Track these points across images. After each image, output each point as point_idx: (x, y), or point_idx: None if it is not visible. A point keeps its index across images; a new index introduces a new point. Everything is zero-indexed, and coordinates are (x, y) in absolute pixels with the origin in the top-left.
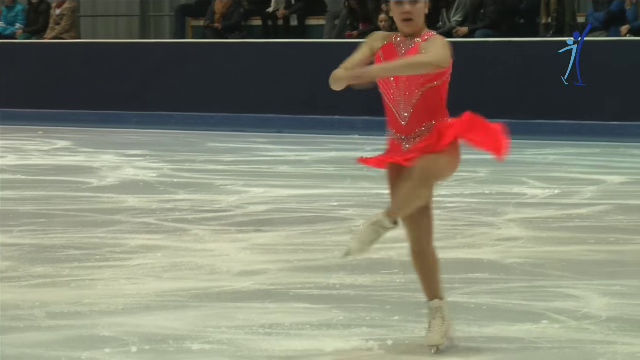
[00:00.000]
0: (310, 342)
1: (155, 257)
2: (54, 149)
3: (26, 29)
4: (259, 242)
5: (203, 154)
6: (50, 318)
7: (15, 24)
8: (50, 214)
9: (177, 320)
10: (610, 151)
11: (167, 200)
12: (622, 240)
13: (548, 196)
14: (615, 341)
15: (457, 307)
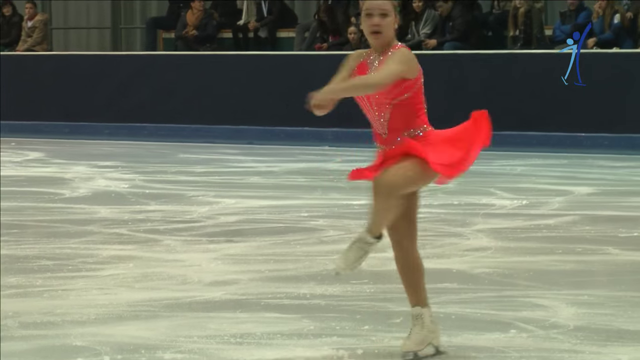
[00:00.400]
0: (281, 351)
1: (127, 268)
2: (26, 160)
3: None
4: (230, 252)
5: (174, 165)
6: (23, 328)
7: None
8: (22, 224)
9: (148, 329)
10: (577, 162)
11: (138, 211)
12: (589, 251)
13: (516, 207)
14: (582, 350)
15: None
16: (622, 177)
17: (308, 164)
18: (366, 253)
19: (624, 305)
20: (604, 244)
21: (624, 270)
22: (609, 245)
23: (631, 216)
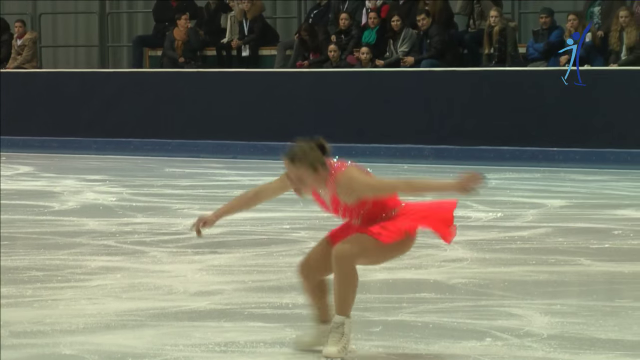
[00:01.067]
0: (264, 359)
1: (115, 278)
2: (16, 174)
3: None
4: (215, 263)
5: (160, 178)
6: (14, 337)
7: None
8: (13, 236)
9: (135, 338)
10: (550, 176)
11: (125, 223)
12: (562, 261)
13: (491, 219)
14: (555, 358)
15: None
16: (593, 190)
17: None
18: (347, 335)
19: (596, 315)
20: (576, 255)
21: (596, 280)
22: (581, 256)
23: (602, 228)
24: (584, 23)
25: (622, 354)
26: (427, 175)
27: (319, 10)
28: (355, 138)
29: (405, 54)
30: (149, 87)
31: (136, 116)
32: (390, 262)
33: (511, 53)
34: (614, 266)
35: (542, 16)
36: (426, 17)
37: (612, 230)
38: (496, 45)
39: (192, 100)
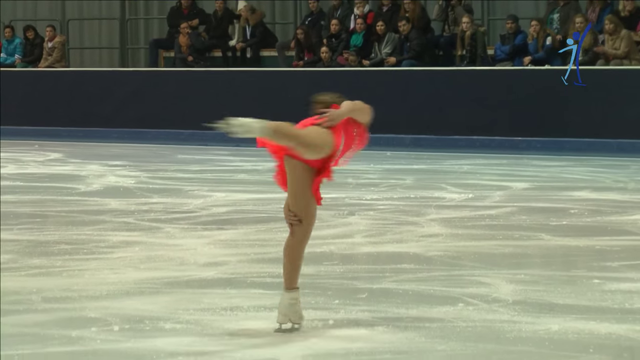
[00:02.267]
0: (265, 321)
1: (134, 251)
2: (47, 159)
3: (23, 59)
4: (221, 238)
5: (173, 164)
6: (45, 302)
7: (15, 54)
8: (44, 214)
9: (152, 303)
10: (514, 162)
11: (143, 203)
12: (525, 237)
13: (463, 200)
14: (519, 320)
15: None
16: (552, 175)
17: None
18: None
19: (554, 283)
20: (537, 231)
21: (555, 253)
22: (541, 232)
23: (560, 207)
24: (544, 28)
25: (576, 317)
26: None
27: (313, 17)
28: None
29: (388, 55)
30: (164, 84)
31: (152, 109)
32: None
33: (481, 54)
34: (570, 241)
35: (508, 22)
36: (406, 23)
37: (569, 209)
38: (468, 47)
39: (201, 95)
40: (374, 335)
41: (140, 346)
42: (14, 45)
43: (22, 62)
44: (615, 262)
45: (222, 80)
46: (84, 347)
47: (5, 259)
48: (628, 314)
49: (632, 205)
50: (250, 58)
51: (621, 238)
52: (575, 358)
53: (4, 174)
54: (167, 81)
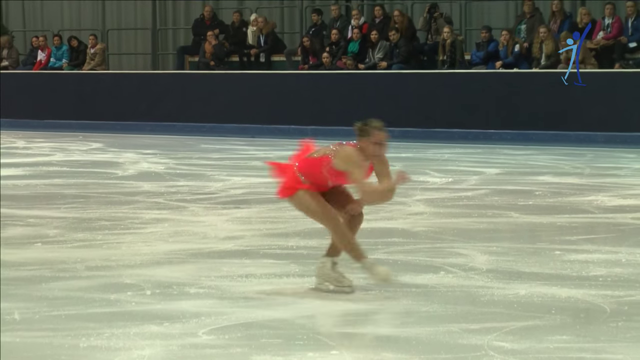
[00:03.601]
0: (275, 287)
1: (163, 227)
2: (90, 149)
3: (70, 63)
4: (238, 215)
5: (197, 152)
6: (88, 270)
7: (62, 59)
8: (87, 195)
9: (179, 271)
10: (488, 151)
11: (171, 185)
12: (497, 214)
13: (444, 183)
14: (492, 286)
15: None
16: (520, 162)
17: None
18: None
19: (522, 254)
20: (507, 210)
21: (522, 229)
22: (511, 210)
23: (527, 190)
24: (513, 37)
25: (541, 283)
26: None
27: (316, 27)
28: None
29: (380, 60)
30: (189, 84)
31: (179, 106)
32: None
33: (459, 59)
34: (536, 218)
35: (483, 32)
36: (396, 32)
37: (535, 191)
38: (448, 53)
39: (221, 94)
40: (368, 298)
41: (168, 308)
42: (61, 52)
43: (69, 66)
44: (574, 236)
45: (239, 81)
46: (120, 308)
47: (53, 233)
48: (585, 280)
49: (588, 188)
50: (263, 62)
51: (579, 216)
52: (539, 318)
53: (53, 161)
54: (192, 82)
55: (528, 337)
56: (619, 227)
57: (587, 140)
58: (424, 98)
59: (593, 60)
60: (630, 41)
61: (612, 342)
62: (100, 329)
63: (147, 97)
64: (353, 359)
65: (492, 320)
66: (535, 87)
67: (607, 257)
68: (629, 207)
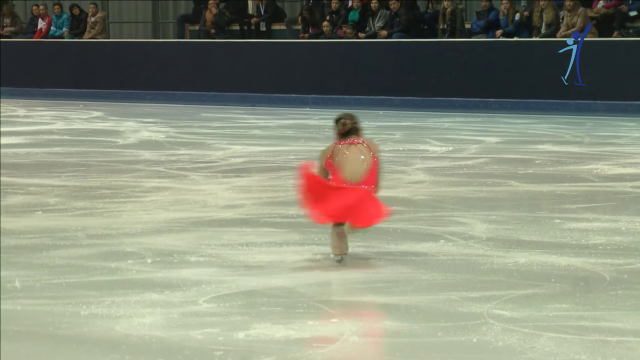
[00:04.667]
0: (275, 255)
1: (164, 195)
2: (91, 117)
3: (70, 31)
4: (238, 184)
5: (198, 121)
6: (89, 238)
7: (63, 28)
8: (88, 164)
9: (179, 240)
10: (488, 120)
11: (172, 154)
12: (497, 183)
13: (444, 152)
14: (492, 254)
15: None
16: (520, 130)
17: (295, 121)
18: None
19: (521, 223)
20: (507, 179)
21: (522, 197)
22: (511, 179)
23: (527, 158)
24: (513, 5)
25: (540, 252)
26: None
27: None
28: (343, 91)
29: (380, 29)
30: (189, 53)
31: (179, 75)
32: None
33: (459, 28)
34: (535, 187)
35: (483, 0)
36: (396, 1)
37: (534, 160)
38: (448, 22)
39: (221, 63)
40: (369, 266)
41: (169, 276)
42: (62, 20)
43: (69, 35)
44: (574, 204)
45: (239, 50)
46: (121, 276)
47: (54, 201)
48: (584, 249)
49: (587, 157)
50: (263, 31)
51: (578, 184)
52: (539, 286)
53: (54, 129)
54: (193, 51)
55: (528, 305)
56: (619, 195)
57: (586, 109)
58: (424, 67)
59: (593, 28)
60: (631, 9)
61: (611, 310)
62: (101, 297)
63: (148, 65)
64: (353, 327)
65: (492, 289)
66: (535, 55)
67: (607, 225)
68: (628, 175)
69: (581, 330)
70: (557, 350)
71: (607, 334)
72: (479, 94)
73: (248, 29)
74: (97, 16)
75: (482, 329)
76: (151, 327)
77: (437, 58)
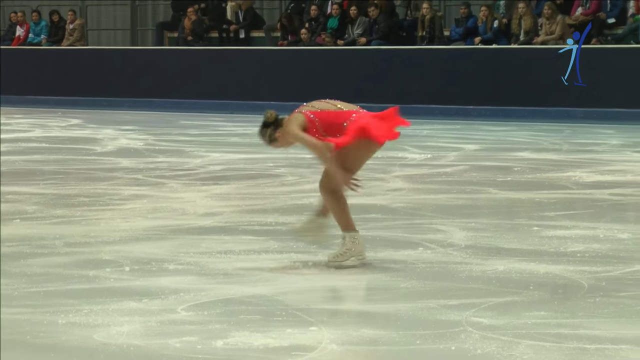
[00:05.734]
0: (253, 263)
1: (142, 203)
2: (69, 124)
3: (48, 38)
4: (217, 192)
5: (176, 128)
6: (67, 246)
7: (41, 35)
8: (66, 171)
9: (157, 248)
10: (467, 127)
11: (150, 162)
12: (475, 190)
13: (423, 159)
14: (471, 262)
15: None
16: (499, 138)
17: None
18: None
19: (500, 230)
20: (486, 186)
21: (501, 205)
22: (489, 186)
23: (506, 166)
24: (492, 13)
25: (519, 259)
26: None
27: (295, 3)
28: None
29: (359, 36)
30: (168, 60)
31: (158, 82)
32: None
33: (438, 35)
34: (514, 194)
35: (462, 7)
36: (375, 8)
37: (513, 167)
38: (427, 29)
39: (199, 70)
40: (348, 274)
41: (147, 284)
42: (40, 27)
43: (48, 42)
44: (552, 212)
45: (218, 57)
46: (99, 284)
47: (32, 209)
48: (562, 256)
49: (566, 164)
50: (242, 38)
51: (557, 192)
52: (517, 294)
53: (32, 137)
54: (171, 58)
55: (506, 313)
56: (597, 203)
57: (565, 116)
58: (403, 74)
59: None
60: (609, 17)
61: (589, 317)
62: (79, 305)
63: (126, 73)
64: (332, 335)
65: (471, 296)
66: (514, 63)
67: (585, 232)
68: (606, 183)
69: (560, 337)
70: (535, 357)
71: (586, 342)
72: (458, 101)
73: (227, 36)
74: (75, 23)
75: (461, 337)
76: (129, 335)
77: (415, 65)
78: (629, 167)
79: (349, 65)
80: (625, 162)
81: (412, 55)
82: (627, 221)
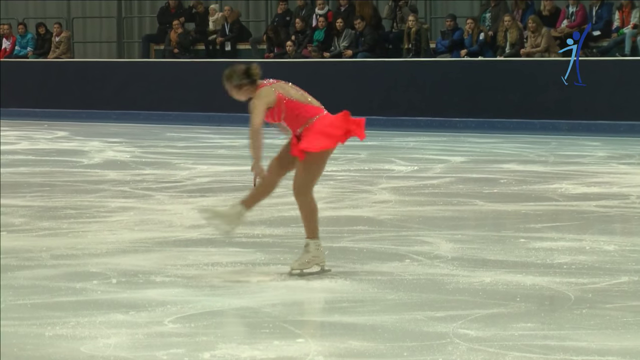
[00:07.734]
0: (241, 275)
1: (129, 215)
2: (55, 137)
3: (35, 51)
4: (204, 204)
5: (163, 141)
6: (54, 259)
7: (27, 47)
8: (52, 184)
9: (144, 260)
10: (453, 139)
11: (137, 174)
12: (462, 202)
13: (410, 171)
14: (457, 274)
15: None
16: (485, 150)
17: None
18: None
19: (487, 242)
20: (472, 198)
21: (487, 216)
22: (476, 198)
23: (492, 178)
24: (478, 25)
25: (506, 271)
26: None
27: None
28: None
29: (345, 48)
30: (154, 72)
31: (145, 94)
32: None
33: (424, 48)
34: (500, 206)
35: (448, 20)
36: (361, 20)
37: (499, 179)
38: (413, 42)
39: (186, 82)
40: (335, 286)
41: (134, 296)
42: (26, 40)
43: (34, 54)
44: (538, 224)
45: (204, 70)
46: (86, 297)
47: (19, 222)
48: (549, 268)
49: (552, 176)
50: (228, 51)
51: (543, 204)
52: (504, 306)
53: (18, 149)
54: (158, 70)
55: (493, 325)
56: (583, 214)
57: (551, 128)
58: (389, 86)
59: (557, 48)
60: (594, 29)
61: (576, 329)
62: (65, 317)
63: (113, 85)
64: (319, 347)
65: (458, 308)
66: (500, 75)
67: (571, 244)
68: (592, 194)
69: (546, 349)
70: None
71: (572, 353)
72: (444, 113)
73: (213, 49)
74: (61, 36)
75: (448, 349)
76: (116, 347)
77: (402, 77)
78: (615, 179)
79: (335, 78)
80: (611, 174)
81: (399, 68)
82: (613, 233)
